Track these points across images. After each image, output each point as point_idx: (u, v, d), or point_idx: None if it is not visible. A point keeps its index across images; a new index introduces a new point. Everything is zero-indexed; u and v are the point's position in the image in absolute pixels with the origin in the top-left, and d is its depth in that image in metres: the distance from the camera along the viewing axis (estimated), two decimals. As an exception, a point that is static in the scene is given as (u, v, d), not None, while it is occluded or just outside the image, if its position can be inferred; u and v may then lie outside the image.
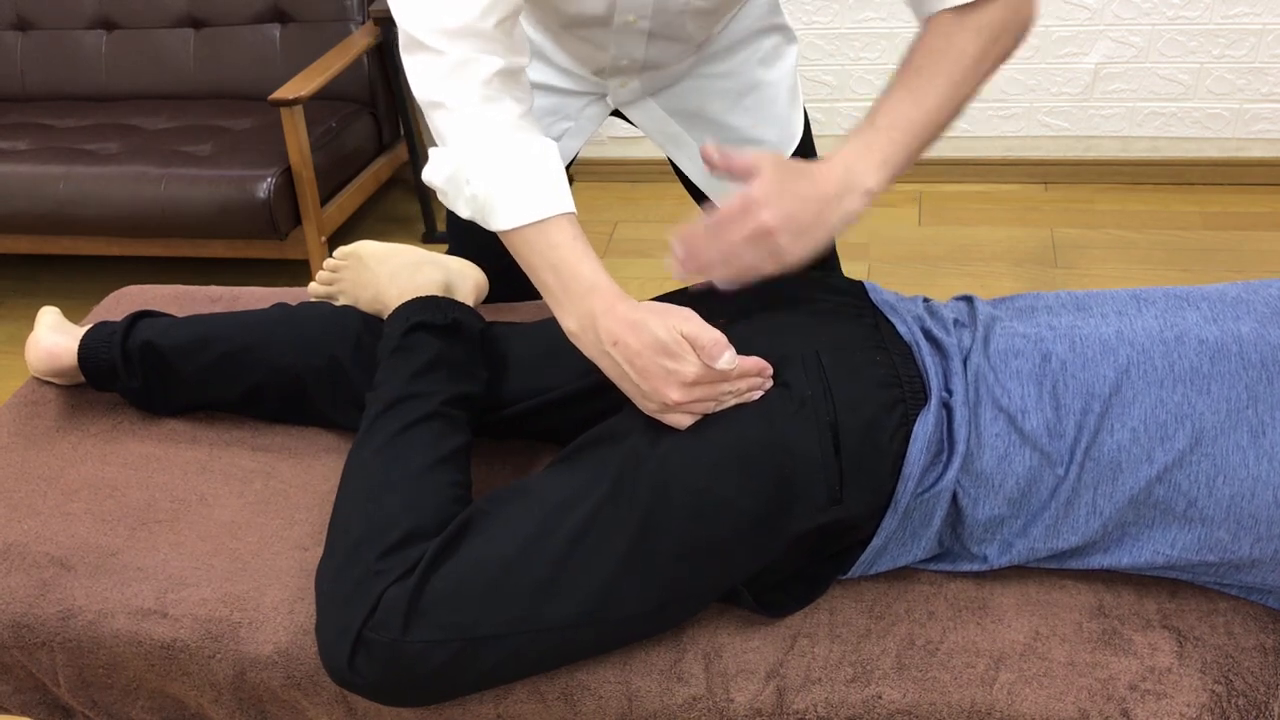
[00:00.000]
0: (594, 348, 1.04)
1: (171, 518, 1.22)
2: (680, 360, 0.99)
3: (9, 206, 2.67)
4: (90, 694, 1.15)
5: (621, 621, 0.99)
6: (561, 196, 1.06)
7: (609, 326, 1.02)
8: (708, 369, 0.98)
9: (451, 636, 0.97)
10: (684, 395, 0.99)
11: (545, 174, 1.06)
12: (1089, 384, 1.00)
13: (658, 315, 1.00)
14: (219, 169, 2.59)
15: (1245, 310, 1.03)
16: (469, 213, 1.09)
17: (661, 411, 1.02)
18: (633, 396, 1.04)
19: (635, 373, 1.00)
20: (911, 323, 1.09)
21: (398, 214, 3.25)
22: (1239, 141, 2.92)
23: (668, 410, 1.01)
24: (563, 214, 1.05)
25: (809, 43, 2.93)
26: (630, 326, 1.00)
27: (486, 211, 1.06)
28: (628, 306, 1.02)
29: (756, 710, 1.00)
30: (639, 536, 0.98)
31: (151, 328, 1.33)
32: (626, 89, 1.37)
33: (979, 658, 1.00)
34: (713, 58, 1.39)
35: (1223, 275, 2.58)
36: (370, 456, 1.10)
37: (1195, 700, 0.96)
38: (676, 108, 1.42)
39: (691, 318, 1.00)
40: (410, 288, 1.28)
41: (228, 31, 2.98)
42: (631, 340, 1.00)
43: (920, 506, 1.01)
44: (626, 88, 1.36)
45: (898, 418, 1.01)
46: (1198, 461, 0.96)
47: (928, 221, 2.91)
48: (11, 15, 3.07)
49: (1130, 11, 2.78)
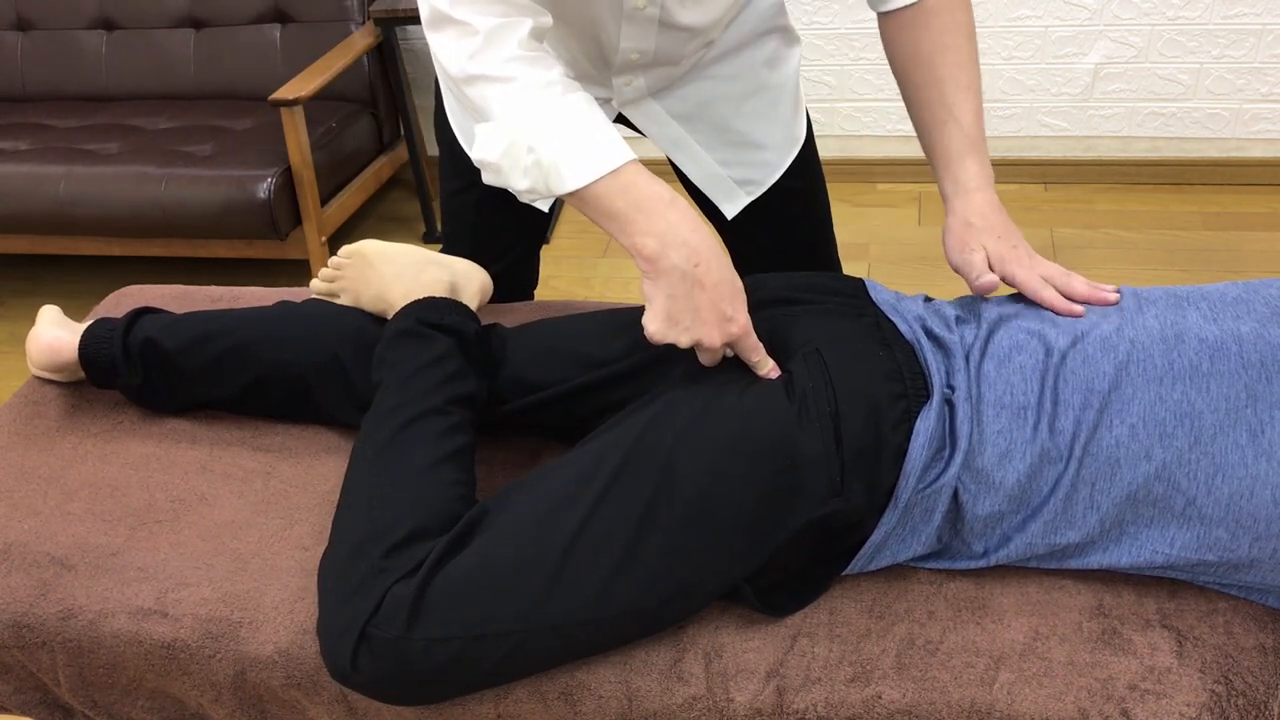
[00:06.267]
0: (671, 267, 1.02)
1: (172, 518, 1.22)
2: (738, 309, 1.03)
3: (9, 206, 2.67)
4: (90, 694, 1.15)
5: (624, 617, 1.00)
6: (623, 145, 1.05)
7: (698, 245, 1.01)
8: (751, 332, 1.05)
9: (455, 634, 0.97)
10: (723, 340, 1.04)
11: (604, 127, 1.05)
12: (1089, 380, 1.00)
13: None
14: (219, 169, 2.59)
15: (1245, 310, 1.04)
16: (528, 183, 1.06)
17: (687, 345, 1.05)
18: (666, 323, 1.04)
19: (697, 302, 1.01)
20: (913, 321, 1.09)
21: (398, 214, 3.25)
22: (1239, 141, 2.92)
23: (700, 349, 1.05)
24: (630, 160, 1.04)
25: (809, 43, 2.93)
26: (716, 256, 1.03)
27: (551, 177, 1.04)
28: (707, 228, 1.05)
29: (756, 710, 1.00)
30: (642, 528, 0.98)
31: (153, 324, 1.33)
32: (631, 88, 1.36)
33: (979, 657, 1.00)
34: (718, 59, 1.38)
35: (1222, 275, 2.59)
36: (374, 455, 1.11)
37: (1195, 700, 0.96)
38: (679, 110, 1.41)
39: None
40: (415, 288, 1.28)
41: (228, 31, 2.98)
42: (714, 269, 1.02)
43: (921, 502, 1.01)
44: (631, 86, 1.36)
45: (899, 412, 1.01)
46: (1196, 460, 0.97)
47: (928, 221, 2.92)
48: (11, 15, 3.07)
49: (1130, 11, 2.78)
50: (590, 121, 1.05)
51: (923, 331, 1.08)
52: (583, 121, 1.04)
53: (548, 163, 1.03)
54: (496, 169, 1.07)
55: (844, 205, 2.98)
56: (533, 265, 1.62)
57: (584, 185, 1.03)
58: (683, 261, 1.01)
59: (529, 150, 1.04)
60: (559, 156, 1.03)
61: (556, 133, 1.03)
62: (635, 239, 1.03)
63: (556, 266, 2.70)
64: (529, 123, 1.04)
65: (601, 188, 1.03)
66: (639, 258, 1.04)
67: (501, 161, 1.06)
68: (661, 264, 1.02)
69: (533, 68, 1.05)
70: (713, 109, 1.41)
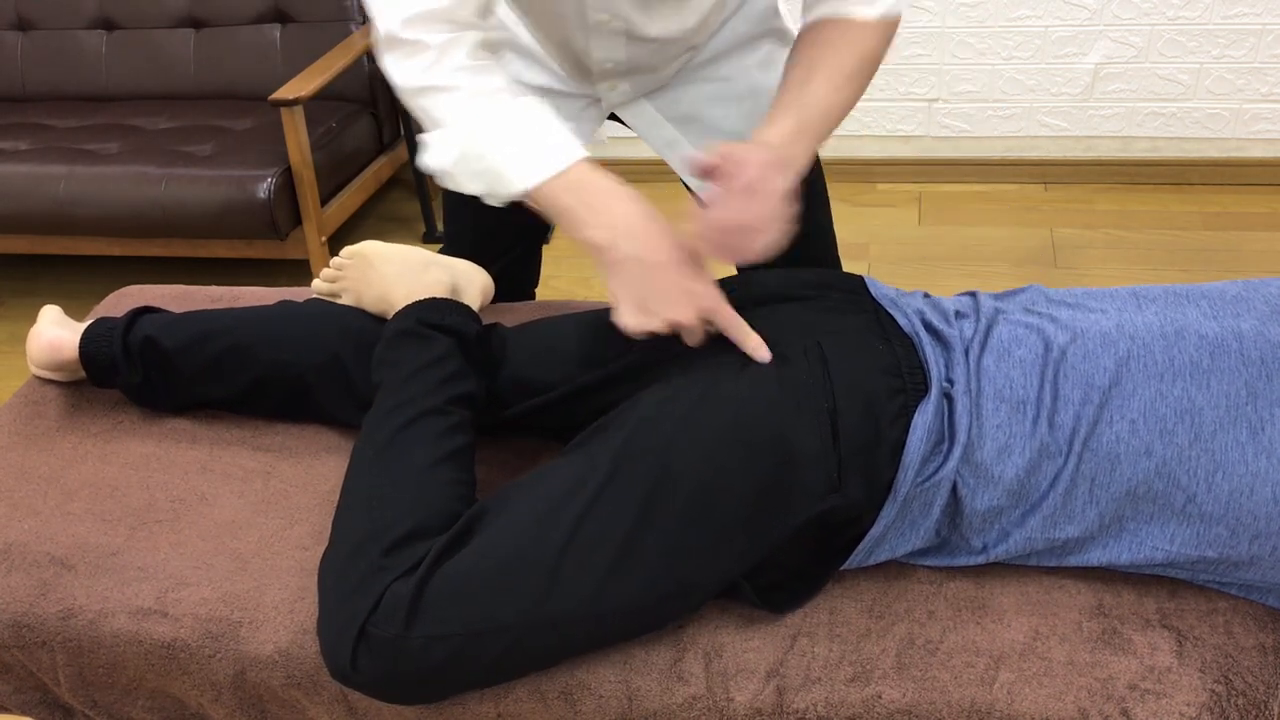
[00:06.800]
0: (625, 256, 1.04)
1: (172, 517, 1.22)
2: (701, 283, 1.03)
3: (9, 206, 2.67)
4: (90, 694, 1.15)
5: (622, 613, 1.00)
6: (572, 144, 1.08)
7: (647, 231, 1.03)
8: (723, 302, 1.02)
9: (453, 631, 0.97)
10: (696, 314, 1.03)
11: (553, 129, 1.08)
12: (1089, 375, 1.00)
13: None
14: (219, 169, 2.59)
15: (1245, 308, 1.04)
16: (480, 187, 1.10)
17: (665, 329, 1.04)
18: (637, 312, 1.05)
19: (659, 285, 1.01)
20: (912, 315, 1.09)
21: (398, 214, 3.25)
22: (1239, 141, 2.92)
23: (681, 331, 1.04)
24: (580, 159, 1.07)
25: (809, 43, 2.93)
26: (669, 238, 1.03)
27: (501, 180, 1.07)
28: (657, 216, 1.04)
29: (756, 710, 1.00)
30: (639, 523, 0.98)
31: (153, 323, 1.33)
32: (616, 92, 1.36)
33: (979, 657, 1.00)
34: (709, 61, 1.38)
35: (1222, 275, 2.59)
36: (374, 454, 1.11)
37: (1195, 700, 0.96)
38: (671, 111, 1.41)
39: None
40: (417, 288, 1.28)
41: (228, 31, 2.98)
42: (667, 249, 1.03)
43: (920, 496, 1.01)
44: (616, 90, 1.36)
45: (897, 406, 1.01)
46: (1197, 456, 0.97)
47: (928, 221, 2.92)
48: (11, 15, 3.07)
49: (1130, 11, 2.78)
50: (538, 124, 1.08)
51: (922, 325, 1.08)
52: (531, 125, 1.08)
53: (497, 167, 1.07)
54: (449, 175, 1.11)
55: (844, 205, 2.98)
56: (534, 265, 1.62)
57: (532, 186, 1.06)
58: (636, 250, 1.03)
59: (479, 156, 1.08)
60: (507, 160, 1.07)
61: (506, 137, 1.07)
62: (586, 233, 1.05)
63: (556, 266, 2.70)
64: (479, 128, 1.08)
65: (549, 188, 1.07)
66: (593, 251, 1.06)
67: (455, 169, 1.10)
68: (614, 254, 1.04)
69: (480, 76, 1.09)
70: (704, 111, 1.41)
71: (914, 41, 2.89)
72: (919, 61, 2.92)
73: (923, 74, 2.93)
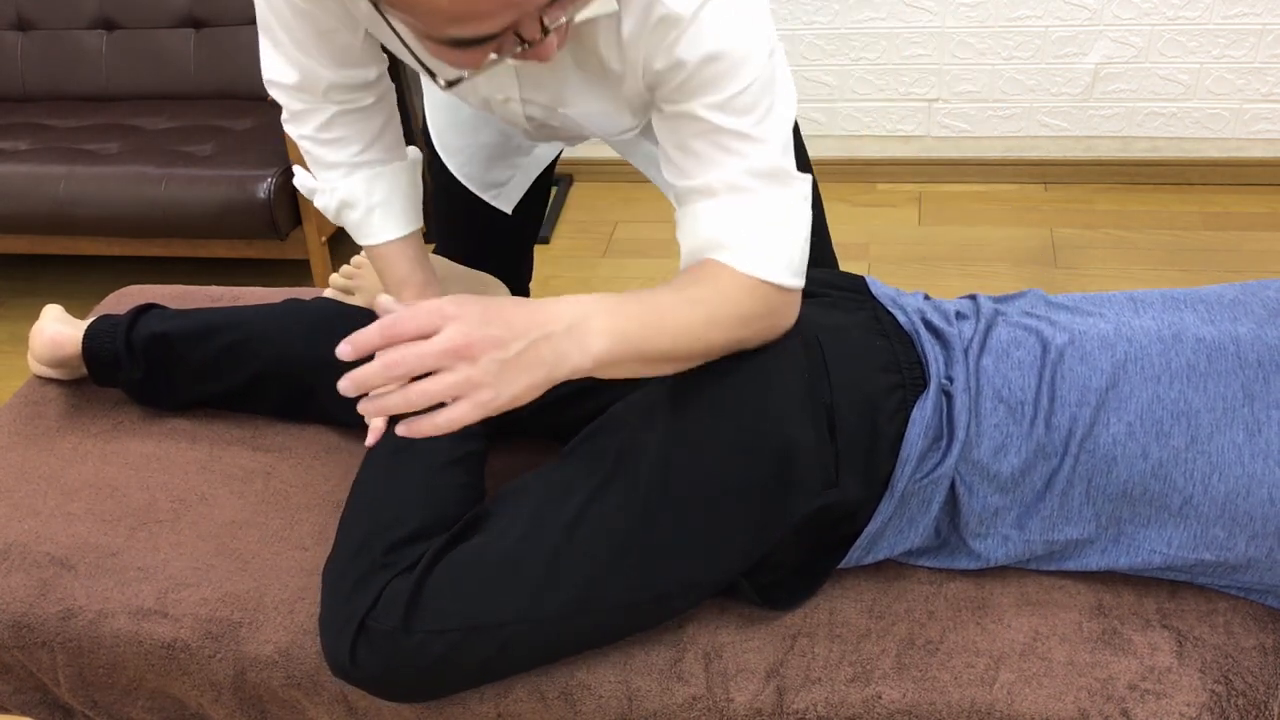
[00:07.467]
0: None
1: (172, 518, 1.22)
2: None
3: (9, 206, 2.67)
4: (90, 694, 1.15)
5: (620, 611, 1.00)
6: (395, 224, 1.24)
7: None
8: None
9: (451, 626, 0.97)
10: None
11: (387, 206, 1.24)
12: (1085, 377, 1.00)
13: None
14: (219, 169, 2.59)
15: (1242, 312, 1.04)
16: (350, 230, 1.27)
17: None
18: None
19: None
20: (912, 314, 1.10)
21: (398, 214, 3.25)
22: (1239, 141, 2.92)
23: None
24: (392, 240, 1.24)
25: (809, 43, 2.93)
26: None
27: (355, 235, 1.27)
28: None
29: (756, 710, 1.00)
30: (637, 520, 0.98)
31: (159, 316, 1.34)
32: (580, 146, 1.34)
33: (979, 657, 1.00)
34: None
35: (1222, 275, 2.59)
36: (384, 456, 1.12)
37: (1195, 700, 0.96)
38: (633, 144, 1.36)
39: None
40: None
41: (228, 31, 2.97)
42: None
43: (918, 492, 1.01)
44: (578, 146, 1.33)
45: (895, 402, 1.01)
46: (1193, 458, 0.97)
47: (928, 221, 2.92)
48: (11, 15, 3.07)
49: (1130, 11, 2.78)
50: (372, 199, 1.24)
51: (922, 323, 1.08)
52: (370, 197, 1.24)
53: (352, 225, 1.25)
54: (331, 216, 1.26)
55: (844, 205, 2.98)
56: (526, 263, 1.62)
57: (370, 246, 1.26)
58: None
59: (336, 212, 1.25)
60: (360, 223, 1.25)
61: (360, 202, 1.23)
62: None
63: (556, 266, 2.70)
64: (339, 189, 1.24)
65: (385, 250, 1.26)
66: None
67: (330, 214, 1.26)
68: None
69: (321, 148, 1.22)
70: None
71: (914, 41, 2.89)
72: (919, 61, 2.91)
73: (923, 74, 2.93)
